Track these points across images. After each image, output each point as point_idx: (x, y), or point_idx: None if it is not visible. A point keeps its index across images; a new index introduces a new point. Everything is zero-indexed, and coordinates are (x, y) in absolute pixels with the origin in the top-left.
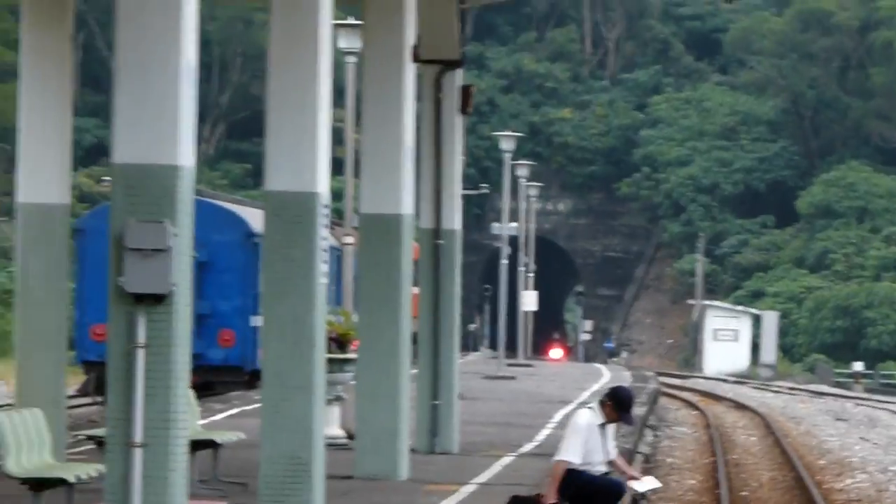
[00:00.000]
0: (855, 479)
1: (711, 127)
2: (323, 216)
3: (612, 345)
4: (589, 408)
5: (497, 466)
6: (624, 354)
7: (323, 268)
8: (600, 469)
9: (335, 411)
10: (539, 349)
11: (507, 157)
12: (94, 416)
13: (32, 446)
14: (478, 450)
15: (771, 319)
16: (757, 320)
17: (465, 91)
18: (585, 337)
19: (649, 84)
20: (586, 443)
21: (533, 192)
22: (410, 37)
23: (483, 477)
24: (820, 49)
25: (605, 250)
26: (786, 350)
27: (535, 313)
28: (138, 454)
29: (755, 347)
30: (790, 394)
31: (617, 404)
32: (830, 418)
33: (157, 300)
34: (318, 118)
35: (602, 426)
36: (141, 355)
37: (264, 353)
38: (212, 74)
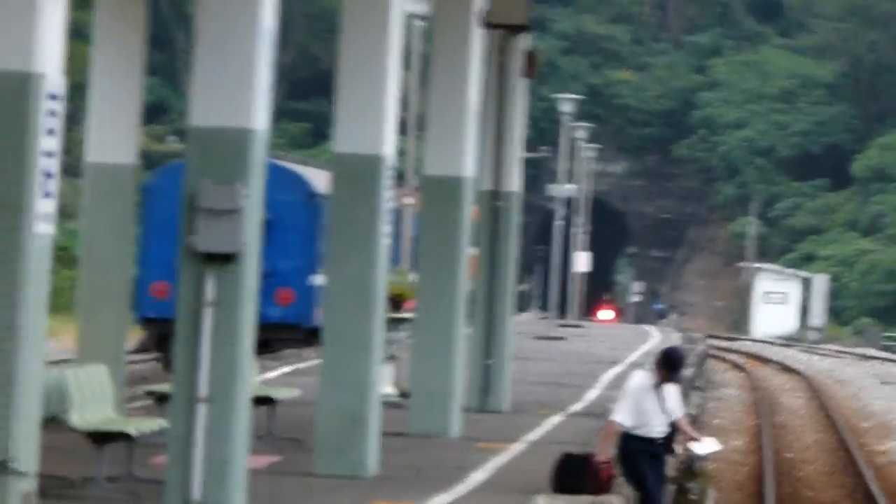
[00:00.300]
0: None
1: (770, 90)
2: (388, 178)
3: (661, 306)
4: (646, 370)
5: (547, 425)
6: (674, 316)
7: (386, 229)
8: (661, 430)
9: (388, 370)
10: (589, 310)
11: (567, 119)
12: (145, 373)
13: (96, 401)
14: (528, 409)
15: (821, 282)
16: (807, 283)
17: (530, 56)
18: (636, 298)
19: (709, 46)
20: (638, 404)
21: (590, 153)
22: (479, 2)
23: (533, 435)
24: (881, 13)
25: (659, 212)
26: (835, 313)
27: (586, 274)
28: (202, 409)
29: (804, 310)
30: (837, 357)
31: (664, 363)
32: (877, 382)
33: (227, 259)
34: (386, 83)
35: (657, 387)
36: (209, 313)
37: (326, 311)
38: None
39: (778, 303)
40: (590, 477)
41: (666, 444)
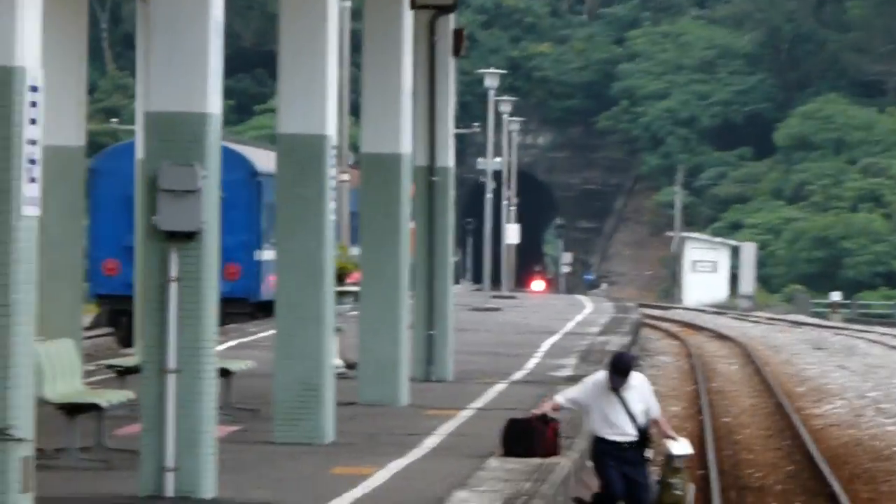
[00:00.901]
0: (833, 406)
1: (689, 60)
2: (331, 157)
3: (592, 276)
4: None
5: (491, 393)
6: (604, 286)
7: (332, 206)
8: (628, 434)
9: (334, 341)
10: (520, 282)
11: (492, 94)
12: (91, 349)
13: (66, 374)
14: (471, 378)
15: (749, 250)
16: (735, 251)
17: (458, 34)
18: (566, 269)
19: (627, 18)
20: (596, 405)
21: (515, 127)
22: None
23: (479, 402)
24: None
25: (585, 183)
26: (764, 281)
27: (516, 246)
28: (172, 380)
29: (734, 278)
30: (769, 324)
31: (613, 367)
32: (809, 347)
33: (188, 237)
34: (327, 64)
35: (615, 390)
36: (174, 288)
37: (277, 285)
38: None
39: (707, 271)
40: (536, 439)
41: (638, 448)
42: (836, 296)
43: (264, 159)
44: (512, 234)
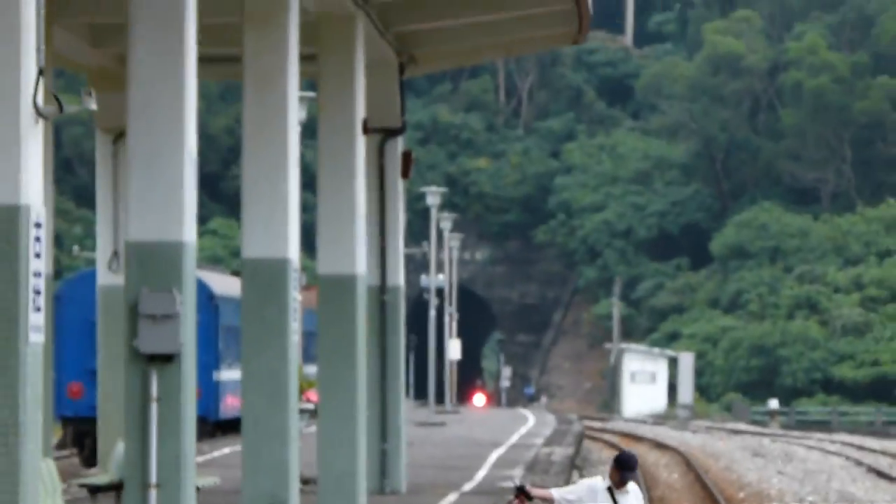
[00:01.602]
0: None
1: (625, 172)
2: (294, 279)
3: (531, 390)
4: (602, 474)
5: (444, 503)
6: (544, 399)
7: (294, 326)
8: None
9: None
10: (461, 396)
11: (434, 211)
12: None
13: (48, 493)
14: (423, 489)
15: (687, 360)
16: (673, 362)
17: (406, 157)
18: (506, 383)
19: (563, 132)
20: (582, 499)
21: (455, 243)
22: (362, 111)
23: None
24: (730, 92)
25: (523, 297)
26: (702, 390)
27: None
28: (153, 494)
29: (672, 389)
30: (708, 432)
31: (617, 465)
32: (748, 454)
33: (167, 359)
34: (288, 190)
35: (610, 490)
36: (155, 407)
37: (243, 403)
38: None
39: (646, 382)
40: None
41: None
42: (773, 403)
43: (221, 283)
44: (454, 349)
